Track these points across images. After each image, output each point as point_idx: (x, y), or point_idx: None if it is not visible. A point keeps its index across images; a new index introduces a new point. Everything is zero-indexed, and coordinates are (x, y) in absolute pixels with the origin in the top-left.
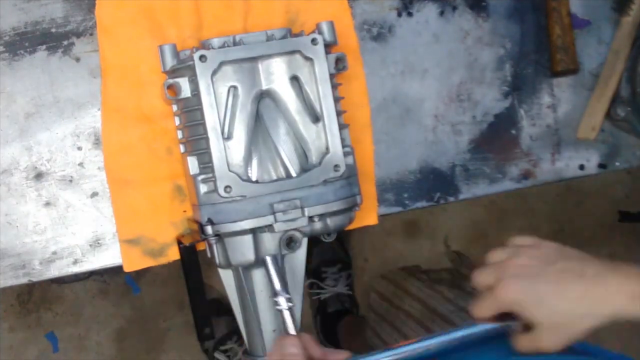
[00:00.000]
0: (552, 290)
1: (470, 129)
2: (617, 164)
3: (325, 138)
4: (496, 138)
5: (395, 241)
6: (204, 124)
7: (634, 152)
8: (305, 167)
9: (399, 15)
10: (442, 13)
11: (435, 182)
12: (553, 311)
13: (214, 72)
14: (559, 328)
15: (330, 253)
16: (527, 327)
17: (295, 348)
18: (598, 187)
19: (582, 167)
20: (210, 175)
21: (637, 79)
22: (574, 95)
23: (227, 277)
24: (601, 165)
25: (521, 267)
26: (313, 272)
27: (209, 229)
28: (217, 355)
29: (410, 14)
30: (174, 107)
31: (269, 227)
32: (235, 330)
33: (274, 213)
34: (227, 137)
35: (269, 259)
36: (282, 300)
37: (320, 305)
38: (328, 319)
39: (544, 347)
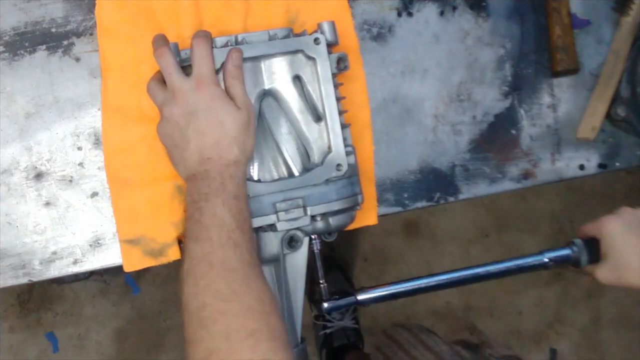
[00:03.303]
0: (635, 244)
1: (470, 129)
2: (617, 164)
3: (327, 137)
4: (496, 138)
5: (395, 241)
6: None
7: (634, 152)
8: (308, 167)
9: (399, 15)
10: (442, 13)
11: (435, 182)
12: (624, 256)
13: (216, 72)
14: (618, 270)
15: (336, 286)
16: (594, 261)
17: (241, 61)
18: (598, 187)
19: (582, 167)
20: None
21: (637, 79)
22: (574, 95)
23: None
24: (601, 165)
25: (627, 216)
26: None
27: None
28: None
29: (410, 14)
30: None
31: (272, 227)
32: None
33: (276, 212)
34: None
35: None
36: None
37: (326, 339)
38: (333, 353)
39: (597, 276)
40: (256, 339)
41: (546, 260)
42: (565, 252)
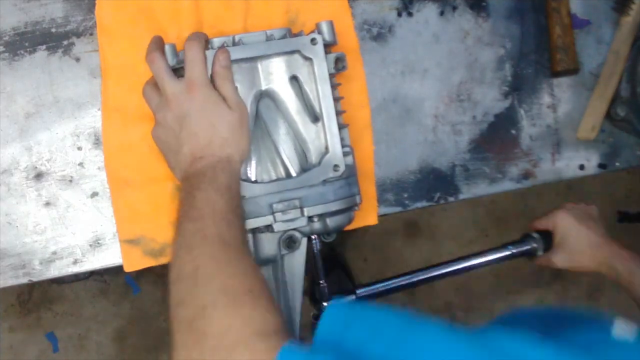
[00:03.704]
0: (585, 232)
1: (470, 129)
2: (617, 164)
3: (324, 138)
4: (496, 138)
5: (395, 241)
6: None
7: (634, 152)
8: (305, 167)
9: (399, 15)
10: (442, 13)
11: (435, 182)
12: (578, 244)
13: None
14: (573, 255)
15: (339, 285)
16: (546, 250)
17: (228, 61)
18: (598, 187)
19: (582, 167)
20: None
21: (637, 79)
22: (574, 95)
23: None
24: (601, 165)
25: (574, 210)
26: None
27: None
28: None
29: (410, 14)
30: None
31: (269, 227)
32: None
33: (273, 213)
34: None
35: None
36: None
37: None
38: None
39: (554, 262)
40: (255, 296)
41: (510, 252)
42: (526, 243)
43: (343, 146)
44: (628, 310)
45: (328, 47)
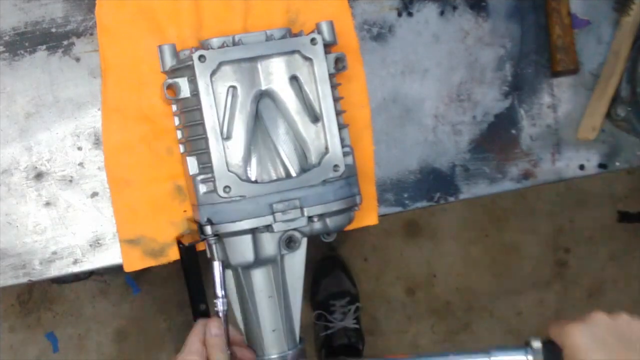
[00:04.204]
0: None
1: (470, 129)
2: (617, 164)
3: (324, 138)
4: (496, 138)
5: (395, 241)
6: (203, 124)
7: (634, 152)
8: (305, 167)
9: (399, 15)
10: (442, 13)
11: (435, 182)
12: None
13: (213, 72)
14: None
15: (338, 285)
16: None
17: (217, 329)
18: (598, 187)
19: (582, 167)
20: (210, 175)
21: (637, 79)
22: (574, 95)
23: (226, 277)
24: (601, 165)
25: (600, 327)
26: (321, 304)
27: (208, 229)
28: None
29: (410, 14)
30: (174, 107)
31: (268, 227)
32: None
33: (273, 213)
34: (227, 137)
35: (216, 264)
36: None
37: (326, 339)
38: (333, 353)
39: None
40: None
41: None
42: (518, 353)
43: (343, 146)
44: (629, 310)
45: (328, 47)
